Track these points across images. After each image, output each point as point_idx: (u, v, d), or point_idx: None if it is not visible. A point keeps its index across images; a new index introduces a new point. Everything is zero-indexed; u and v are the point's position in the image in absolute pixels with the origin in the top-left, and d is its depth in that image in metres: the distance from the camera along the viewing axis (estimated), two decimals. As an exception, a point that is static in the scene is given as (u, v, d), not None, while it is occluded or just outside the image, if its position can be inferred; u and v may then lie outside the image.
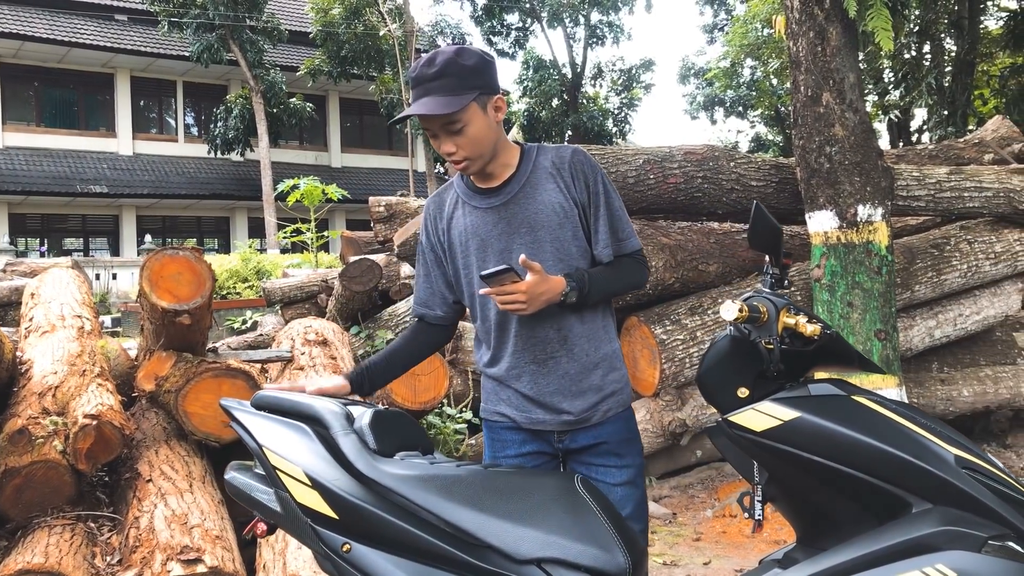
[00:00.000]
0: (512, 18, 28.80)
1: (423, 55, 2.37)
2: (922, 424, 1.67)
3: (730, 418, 1.75)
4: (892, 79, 15.11)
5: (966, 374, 5.64)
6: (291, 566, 2.86)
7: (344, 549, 1.76)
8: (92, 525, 3.39)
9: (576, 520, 1.78)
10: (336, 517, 1.77)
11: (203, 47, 21.24)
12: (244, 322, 9.50)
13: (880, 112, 16.12)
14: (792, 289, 5.12)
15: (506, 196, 2.07)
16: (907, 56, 14.09)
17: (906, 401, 4.89)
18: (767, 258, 1.88)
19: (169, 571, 2.87)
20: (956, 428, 1.96)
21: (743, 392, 1.78)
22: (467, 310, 2.24)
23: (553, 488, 1.84)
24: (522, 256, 1.92)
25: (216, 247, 24.99)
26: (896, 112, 15.10)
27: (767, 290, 1.84)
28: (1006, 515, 1.58)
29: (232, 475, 1.98)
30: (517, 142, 2.14)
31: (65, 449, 3.35)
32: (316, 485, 1.79)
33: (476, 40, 32.98)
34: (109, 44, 22.74)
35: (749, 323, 1.75)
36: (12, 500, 3.29)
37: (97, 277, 16.42)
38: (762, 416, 1.71)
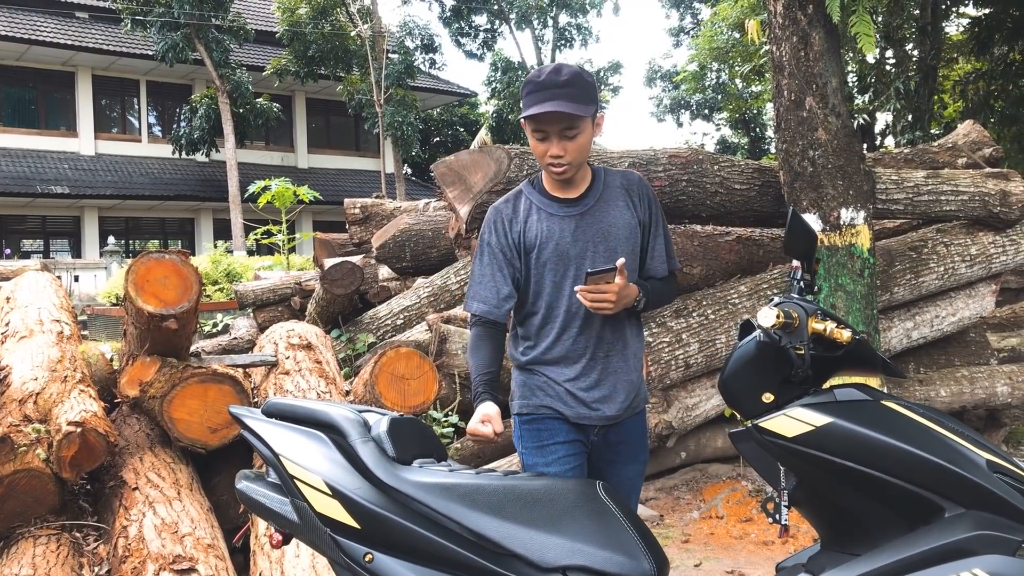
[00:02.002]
0: (480, 20, 28.83)
1: (545, 65, 2.57)
2: (952, 429, 1.68)
3: (761, 424, 1.74)
4: (856, 84, 15.31)
5: (943, 374, 5.72)
6: (289, 574, 2.80)
7: (366, 559, 1.72)
8: (77, 535, 3.30)
9: (601, 527, 1.76)
10: (358, 527, 1.74)
11: (168, 46, 20.88)
12: (215, 325, 9.33)
13: (847, 116, 16.31)
14: (774, 291, 5.15)
15: (583, 207, 2.27)
16: (871, 61, 14.28)
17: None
18: (794, 263, 1.88)
19: (162, 582, 2.80)
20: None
21: (768, 397, 1.78)
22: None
23: (576, 495, 1.83)
24: (620, 260, 2.10)
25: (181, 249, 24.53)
26: (864, 116, 15.31)
27: (796, 295, 1.84)
28: None
29: (244, 484, 1.93)
30: (589, 164, 2.30)
31: (48, 457, 3.26)
32: (337, 494, 1.75)
33: (444, 41, 32.79)
34: (70, 42, 22.27)
35: (781, 328, 1.75)
36: (-6, 510, 3.20)
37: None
38: (794, 422, 1.71)
